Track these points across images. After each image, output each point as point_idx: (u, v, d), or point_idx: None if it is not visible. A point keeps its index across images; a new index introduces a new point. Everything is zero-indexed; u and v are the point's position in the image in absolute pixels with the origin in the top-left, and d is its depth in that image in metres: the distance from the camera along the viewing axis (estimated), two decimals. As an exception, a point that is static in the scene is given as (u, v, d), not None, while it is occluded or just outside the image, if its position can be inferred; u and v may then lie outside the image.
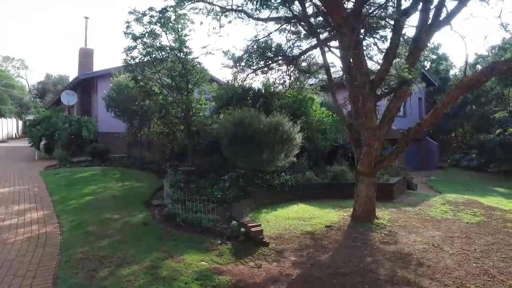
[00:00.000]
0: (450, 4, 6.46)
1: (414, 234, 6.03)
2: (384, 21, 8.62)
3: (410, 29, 7.78)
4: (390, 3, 6.76)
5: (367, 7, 7.07)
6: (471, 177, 17.86)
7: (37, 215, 6.57)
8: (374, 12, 7.11)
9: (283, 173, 9.32)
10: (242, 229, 5.56)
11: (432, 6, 6.53)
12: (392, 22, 7.46)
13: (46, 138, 15.49)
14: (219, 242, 5.37)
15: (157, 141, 12.38)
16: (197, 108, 10.77)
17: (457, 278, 4.16)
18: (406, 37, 8.09)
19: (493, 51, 19.21)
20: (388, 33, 9.33)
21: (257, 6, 7.86)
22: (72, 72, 67.85)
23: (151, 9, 9.25)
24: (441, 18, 6.50)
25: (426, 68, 26.08)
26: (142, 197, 8.14)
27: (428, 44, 7.94)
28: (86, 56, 18.39)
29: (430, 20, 6.50)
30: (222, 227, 5.99)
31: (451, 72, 28.92)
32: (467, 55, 8.84)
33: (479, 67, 25.21)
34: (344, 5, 7.09)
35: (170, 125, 11.85)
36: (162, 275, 4.06)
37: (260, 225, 5.77)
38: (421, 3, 6.42)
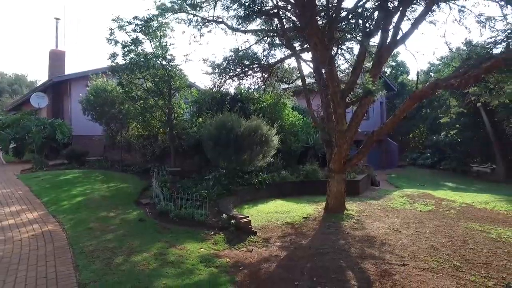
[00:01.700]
0: (406, 27, 7.58)
1: (378, 221, 7.07)
2: (350, 35, 9.75)
3: (373, 42, 8.90)
4: (358, 24, 7.75)
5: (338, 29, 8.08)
6: (426, 174, 19.78)
7: (32, 215, 6.87)
8: (345, 32, 8.11)
9: (260, 173, 10.13)
10: (232, 221, 6.30)
11: (390, 27, 7.67)
12: (359, 37, 8.58)
13: (15, 141, 15.20)
14: (212, 233, 6.06)
15: (137, 144, 12.71)
16: (178, 112, 11.31)
17: (411, 252, 5.19)
18: (369, 51, 9.22)
19: (442, 60, 21.44)
20: (354, 45, 10.47)
21: (240, 21, 8.59)
22: (31, 72, 64.48)
23: (135, 18, 9.70)
24: (398, 38, 7.63)
25: (386, 74, 28.23)
26: (130, 197, 8.59)
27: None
28: (57, 58, 18.11)
29: (389, 39, 7.62)
30: (212, 220, 6.70)
31: (409, 77, 31.42)
32: (418, 72, 10.17)
33: (432, 74, 27.72)
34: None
35: (150, 128, 12.26)
36: (170, 260, 4.70)
37: (248, 216, 6.53)
38: (382, 24, 7.52)
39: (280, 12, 8.96)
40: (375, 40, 8.32)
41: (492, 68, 5.00)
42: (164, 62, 10.25)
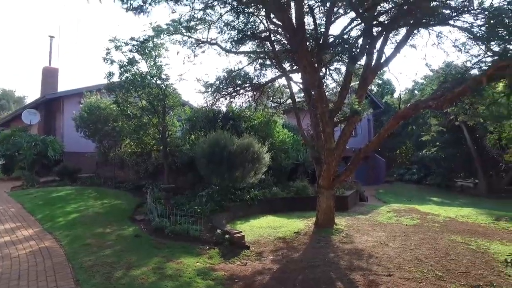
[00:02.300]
0: (389, 51, 8.13)
1: (365, 235, 7.38)
2: (338, 57, 10.30)
3: (360, 64, 9.42)
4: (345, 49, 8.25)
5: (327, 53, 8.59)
6: (412, 189, 20.31)
7: (28, 232, 6.95)
8: (333, 55, 8.64)
9: (252, 189, 10.37)
10: (226, 236, 6.51)
11: (375, 51, 8.19)
12: (346, 59, 9.10)
13: (5, 158, 15.13)
14: (207, 247, 6.26)
15: (130, 161, 12.85)
16: (172, 130, 11.58)
17: (396, 263, 5.49)
18: (355, 73, 9.73)
19: (426, 79, 22.47)
20: (341, 65, 11.02)
21: (233, 44, 9.05)
22: (19, 87, 63.86)
23: (132, 38, 10.07)
24: (382, 61, 8.15)
25: (373, 92, 29.17)
26: (124, 213, 8.71)
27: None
28: (50, 75, 18.29)
29: (374, 62, 8.13)
30: (207, 235, 6.90)
31: (395, 95, 32.49)
32: (400, 94, 10.93)
33: (416, 92, 28.78)
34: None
35: (143, 146, 12.46)
36: (168, 274, 4.89)
37: (241, 232, 6.76)
38: (366, 49, 8.04)
39: (272, 35, 9.46)
40: (361, 62, 8.87)
41: (463, 93, 5.50)
42: (159, 82, 10.58)
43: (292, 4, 7.97)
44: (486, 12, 5.12)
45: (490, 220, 8.85)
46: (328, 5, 8.21)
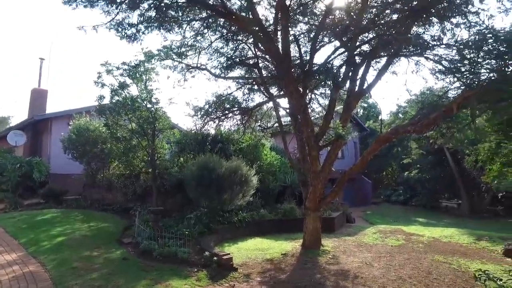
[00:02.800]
0: (371, 78, 8.60)
1: (351, 256, 7.52)
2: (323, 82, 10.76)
3: (344, 90, 9.86)
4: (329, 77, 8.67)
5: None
6: (399, 210, 20.60)
7: (11, 257, 6.81)
8: (318, 81, 9.07)
9: (240, 211, 10.45)
10: (215, 258, 6.55)
11: (358, 77, 8.64)
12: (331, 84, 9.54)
13: (-14, 180, 14.81)
14: (196, 270, 6.29)
15: (118, 183, 12.78)
16: (161, 153, 11.68)
17: (381, 283, 5.63)
18: (340, 98, 10.16)
19: (408, 103, 23.32)
20: (326, 90, 11.49)
21: (222, 70, 9.40)
22: (3, 108, 62.93)
23: (123, 63, 10.34)
24: (364, 87, 8.59)
25: (359, 115, 29.97)
26: (112, 236, 8.64)
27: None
28: (39, 96, 18.30)
29: (357, 88, 8.56)
30: (195, 258, 6.93)
31: (380, 117, 33.34)
32: (381, 118, 11.28)
33: (400, 115, 29.70)
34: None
35: (132, 168, 12.45)
36: (156, 296, 4.90)
37: (229, 254, 6.82)
38: (349, 76, 8.49)
39: (259, 62, 9.88)
40: (345, 87, 9.31)
41: (438, 119, 5.90)
42: (149, 105, 10.76)
43: (279, 33, 8.45)
44: (455, 47, 5.60)
45: (472, 240, 9.12)
46: (313, 34, 8.73)
